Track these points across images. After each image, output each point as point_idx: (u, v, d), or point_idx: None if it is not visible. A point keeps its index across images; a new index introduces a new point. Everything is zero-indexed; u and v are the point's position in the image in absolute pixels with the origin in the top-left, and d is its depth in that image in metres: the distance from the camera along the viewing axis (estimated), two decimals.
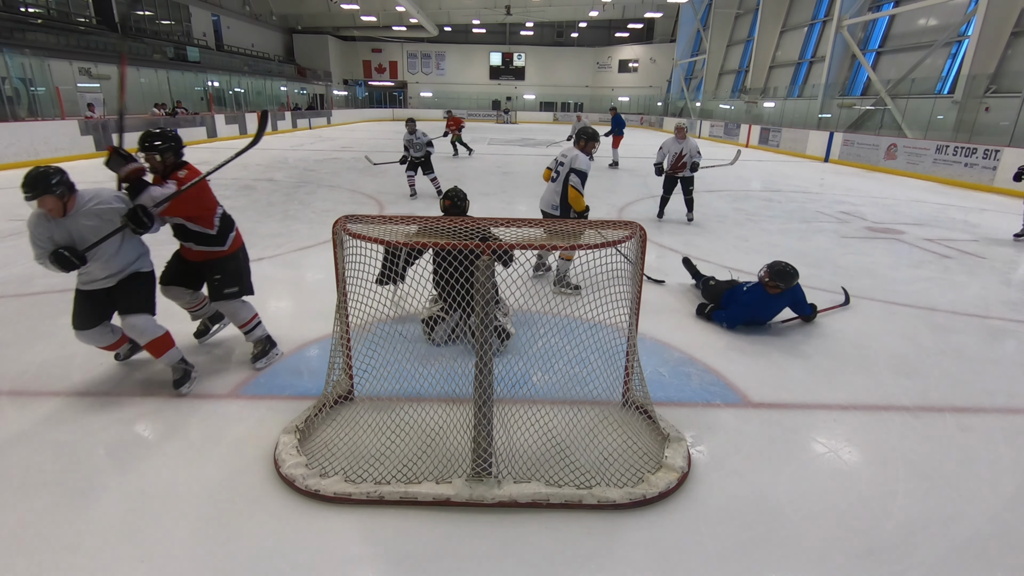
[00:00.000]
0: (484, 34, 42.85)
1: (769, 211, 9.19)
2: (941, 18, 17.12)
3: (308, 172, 12.49)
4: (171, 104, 20.93)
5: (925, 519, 2.35)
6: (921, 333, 4.29)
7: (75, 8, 22.17)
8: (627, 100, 41.98)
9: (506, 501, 2.33)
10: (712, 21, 31.44)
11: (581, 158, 4.64)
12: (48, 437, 2.74)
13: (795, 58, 25.16)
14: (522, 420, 2.71)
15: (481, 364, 2.33)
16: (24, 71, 15.89)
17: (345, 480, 2.39)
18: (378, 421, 2.80)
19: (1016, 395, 3.45)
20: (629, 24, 40.69)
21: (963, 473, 2.66)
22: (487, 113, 41.72)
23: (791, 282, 4.06)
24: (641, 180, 12.41)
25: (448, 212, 4.07)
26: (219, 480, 2.46)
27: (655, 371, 3.51)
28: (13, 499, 2.32)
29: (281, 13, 36.63)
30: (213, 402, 3.09)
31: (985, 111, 14.38)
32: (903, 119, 17.06)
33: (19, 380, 3.26)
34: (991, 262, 6.40)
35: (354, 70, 44.21)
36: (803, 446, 2.85)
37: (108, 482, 2.43)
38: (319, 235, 6.71)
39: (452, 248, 2.28)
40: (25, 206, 2.88)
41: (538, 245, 2.38)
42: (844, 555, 2.15)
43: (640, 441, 2.73)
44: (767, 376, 3.55)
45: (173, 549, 2.09)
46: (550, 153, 16.36)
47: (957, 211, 9.61)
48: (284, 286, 5.12)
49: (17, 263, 5.42)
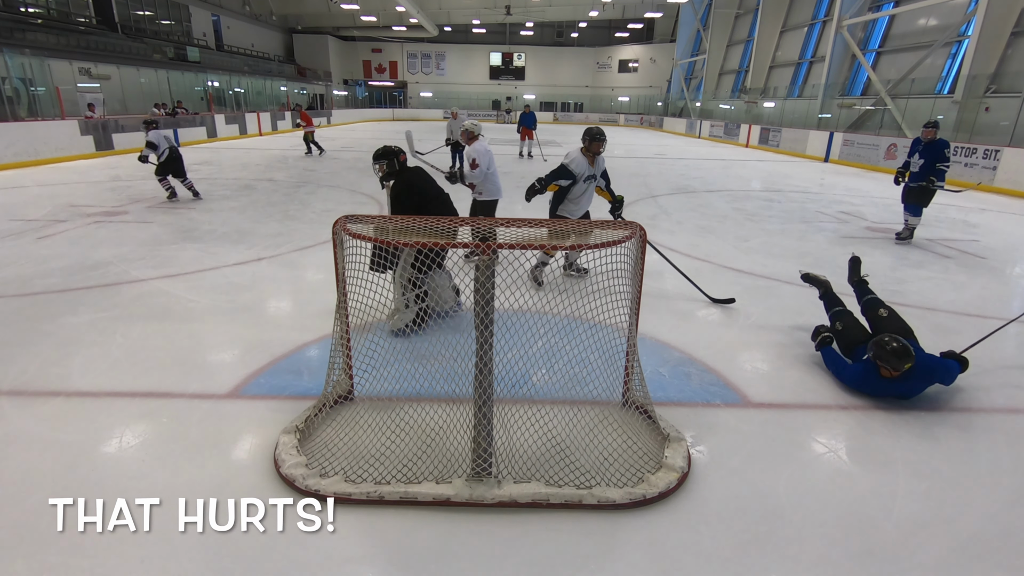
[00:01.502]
0: (484, 34, 42.86)
1: (769, 211, 9.19)
2: (941, 18, 17.12)
3: (308, 172, 12.49)
4: (171, 104, 20.93)
5: (925, 519, 2.35)
6: (921, 333, 4.28)
7: (75, 8, 22.20)
8: (627, 100, 42.00)
9: (506, 501, 2.33)
10: (712, 21, 31.44)
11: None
12: (48, 437, 2.74)
13: (795, 58, 25.16)
14: (522, 420, 2.71)
15: (481, 364, 2.33)
16: (24, 71, 15.88)
17: (345, 480, 2.39)
18: (378, 421, 2.80)
19: (1016, 395, 3.45)
20: (629, 24, 40.70)
21: (963, 473, 2.66)
22: (487, 113, 41.72)
23: (900, 366, 3.08)
24: (641, 180, 12.41)
25: (387, 177, 4.03)
26: (219, 480, 2.46)
27: (655, 371, 3.51)
28: (13, 499, 2.32)
29: (281, 13, 36.63)
30: (213, 402, 3.08)
31: (985, 111, 14.38)
32: (903, 119, 17.05)
33: (19, 380, 3.26)
34: (991, 262, 6.40)
35: (354, 70, 44.22)
36: (803, 446, 2.85)
37: (108, 482, 2.43)
38: (319, 235, 6.71)
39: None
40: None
41: (538, 245, 2.38)
42: (844, 555, 2.15)
43: (640, 441, 2.73)
44: (767, 376, 3.55)
45: (173, 549, 2.09)
46: (553, 153, 16.36)
47: (957, 211, 9.61)
48: (284, 286, 5.12)
49: (17, 263, 5.42)
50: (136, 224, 7.17)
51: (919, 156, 6.88)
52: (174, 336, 3.88)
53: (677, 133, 31.79)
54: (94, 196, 8.86)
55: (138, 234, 6.65)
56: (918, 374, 3.14)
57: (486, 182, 5.41)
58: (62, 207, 7.92)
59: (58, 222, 7.06)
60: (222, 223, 7.26)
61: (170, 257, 5.73)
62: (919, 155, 6.88)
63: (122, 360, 3.53)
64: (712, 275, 5.46)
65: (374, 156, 4.01)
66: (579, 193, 4.86)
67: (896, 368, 3.08)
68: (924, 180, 6.83)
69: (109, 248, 6.01)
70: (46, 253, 5.76)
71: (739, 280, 5.39)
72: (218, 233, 6.72)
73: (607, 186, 5.11)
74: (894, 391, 3.20)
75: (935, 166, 6.75)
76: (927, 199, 6.95)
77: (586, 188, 4.87)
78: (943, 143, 6.81)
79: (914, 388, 3.20)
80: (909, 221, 7.14)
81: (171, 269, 5.34)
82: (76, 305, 4.39)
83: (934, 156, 6.76)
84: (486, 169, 5.32)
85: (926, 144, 6.85)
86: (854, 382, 3.32)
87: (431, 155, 11.60)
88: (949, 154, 6.79)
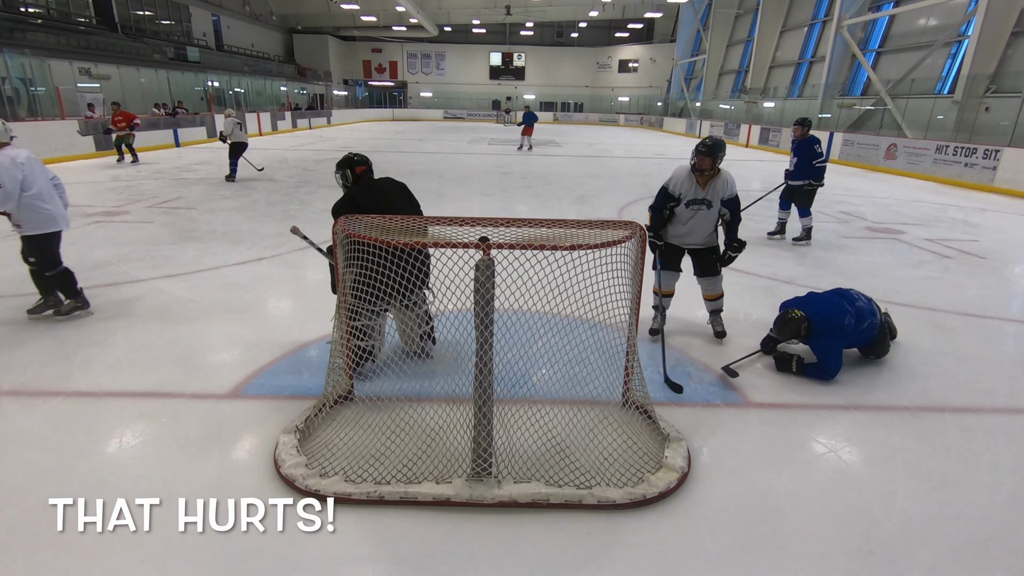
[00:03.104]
0: (484, 34, 42.86)
1: (769, 211, 9.18)
2: (941, 18, 17.11)
3: (308, 172, 12.50)
4: (172, 104, 20.93)
5: (925, 519, 2.35)
6: (921, 333, 4.29)
7: (75, 8, 22.19)
8: (627, 100, 42.00)
9: (506, 501, 2.33)
10: (712, 21, 31.44)
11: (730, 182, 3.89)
12: (48, 437, 2.74)
13: (795, 58, 25.16)
14: (522, 420, 2.71)
15: (481, 364, 2.33)
16: (24, 71, 15.88)
17: (345, 480, 2.39)
18: (378, 421, 2.80)
19: (1016, 395, 3.45)
20: (629, 24, 40.70)
21: (963, 473, 2.66)
22: (487, 113, 41.73)
23: (788, 333, 3.49)
24: (641, 180, 12.41)
25: (362, 177, 3.47)
26: (219, 480, 2.46)
27: (655, 371, 3.51)
28: (13, 499, 2.32)
29: (281, 13, 36.63)
30: (213, 402, 3.09)
31: (985, 111, 14.38)
32: (903, 119, 17.05)
33: (19, 380, 3.26)
34: (991, 262, 6.40)
35: (354, 70, 44.21)
36: (803, 446, 2.85)
37: (108, 482, 2.43)
38: (319, 235, 6.69)
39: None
40: None
41: (537, 245, 2.38)
42: (844, 555, 2.15)
43: (640, 441, 2.73)
44: (767, 376, 3.55)
45: (173, 549, 2.09)
46: (552, 153, 16.33)
47: (957, 211, 9.60)
48: (284, 286, 5.12)
49: (17, 263, 5.41)
50: (136, 224, 7.17)
51: (794, 155, 6.85)
52: (174, 336, 3.89)
53: (677, 133, 31.77)
54: (94, 196, 8.85)
55: (138, 234, 6.65)
56: (816, 332, 3.46)
57: (26, 209, 3.79)
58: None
59: None
60: (222, 223, 7.26)
61: (170, 257, 5.73)
62: (793, 154, 6.86)
63: (122, 360, 3.54)
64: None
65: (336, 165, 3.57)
66: (684, 219, 3.92)
67: (787, 335, 3.49)
68: (802, 179, 6.77)
69: (109, 248, 6.01)
70: None
71: (739, 280, 5.39)
72: (218, 233, 6.72)
73: (731, 220, 3.98)
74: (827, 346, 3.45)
75: (812, 165, 6.67)
76: (808, 200, 6.85)
77: (692, 215, 3.87)
78: (812, 140, 6.75)
79: (828, 344, 3.46)
80: (801, 222, 6.94)
81: (171, 269, 5.34)
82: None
83: (807, 154, 6.69)
84: (19, 190, 3.71)
85: (799, 143, 6.81)
86: (836, 358, 3.46)
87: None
88: (820, 149, 6.67)
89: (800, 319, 3.47)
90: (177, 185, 10.30)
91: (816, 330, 3.44)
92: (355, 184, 3.42)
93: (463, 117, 41.57)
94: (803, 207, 6.87)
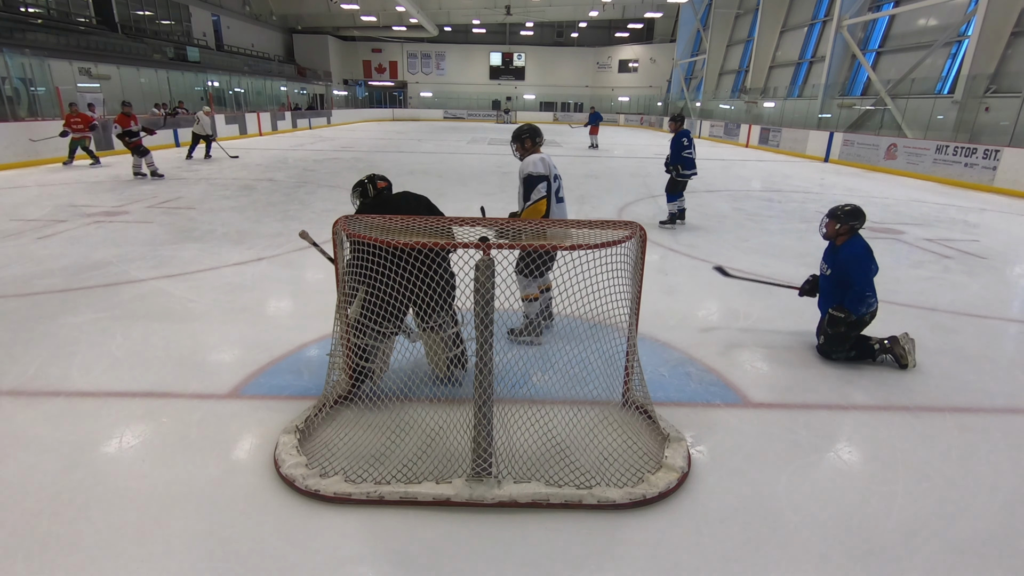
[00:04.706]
0: (484, 34, 42.88)
1: (769, 211, 9.19)
2: (941, 18, 17.11)
3: (308, 172, 12.50)
4: (172, 104, 20.94)
5: (925, 519, 2.35)
6: (921, 333, 4.29)
7: (75, 8, 22.20)
8: (627, 100, 42.00)
9: (506, 501, 2.33)
10: (712, 21, 31.44)
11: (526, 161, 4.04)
12: (48, 437, 2.74)
13: (795, 58, 25.16)
14: (522, 420, 2.71)
15: (481, 364, 2.33)
16: (24, 71, 15.87)
17: (345, 480, 2.39)
18: (378, 421, 2.80)
19: (1016, 395, 3.45)
20: (629, 24, 40.71)
21: (963, 473, 2.66)
22: (487, 113, 41.74)
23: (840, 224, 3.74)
24: (641, 180, 12.42)
25: (382, 192, 3.33)
26: (219, 480, 2.46)
27: (655, 371, 3.51)
28: (13, 499, 2.32)
29: (281, 13, 36.65)
30: (213, 402, 3.09)
31: (985, 111, 14.38)
32: (903, 119, 17.05)
33: (19, 380, 3.26)
34: (991, 262, 6.40)
35: (354, 70, 44.22)
36: (803, 446, 2.85)
37: (108, 482, 2.43)
38: (319, 235, 6.69)
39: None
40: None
41: (537, 245, 2.38)
42: (844, 555, 2.15)
43: (640, 441, 2.73)
44: (767, 376, 3.55)
45: (173, 549, 2.09)
46: (552, 153, 16.42)
47: (957, 211, 9.61)
48: (284, 286, 5.12)
49: (17, 263, 5.42)
50: (136, 224, 7.17)
51: (669, 147, 7.58)
52: (174, 336, 3.89)
53: None
54: (94, 196, 8.86)
55: (138, 234, 6.65)
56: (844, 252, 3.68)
57: None
58: (62, 207, 7.91)
59: (58, 222, 7.06)
60: (222, 223, 7.26)
61: (170, 257, 5.73)
62: (670, 146, 7.58)
63: (122, 360, 3.53)
64: (712, 275, 5.46)
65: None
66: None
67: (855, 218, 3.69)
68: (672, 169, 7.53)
69: (109, 248, 6.01)
70: (46, 253, 5.75)
71: (739, 280, 5.38)
72: (218, 233, 6.72)
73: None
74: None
75: (679, 155, 7.40)
76: (678, 187, 7.56)
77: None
78: (682, 133, 7.51)
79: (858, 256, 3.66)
80: (668, 207, 7.75)
81: (171, 269, 5.34)
82: (76, 305, 4.39)
83: (675, 147, 7.48)
84: None
85: (673, 137, 7.57)
86: (865, 272, 3.61)
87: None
88: (686, 141, 7.40)
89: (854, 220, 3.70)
90: (177, 185, 10.30)
91: (851, 242, 3.70)
92: (373, 198, 3.29)
93: (463, 117, 41.60)
94: (671, 193, 7.64)
